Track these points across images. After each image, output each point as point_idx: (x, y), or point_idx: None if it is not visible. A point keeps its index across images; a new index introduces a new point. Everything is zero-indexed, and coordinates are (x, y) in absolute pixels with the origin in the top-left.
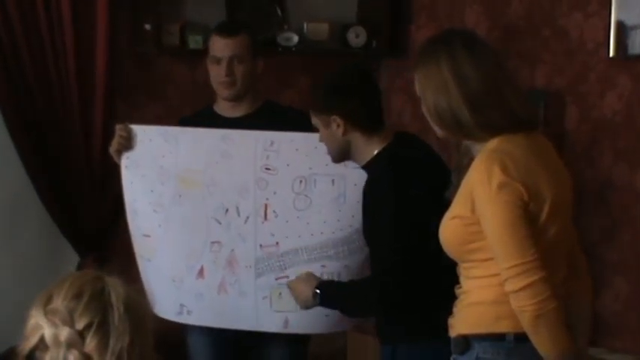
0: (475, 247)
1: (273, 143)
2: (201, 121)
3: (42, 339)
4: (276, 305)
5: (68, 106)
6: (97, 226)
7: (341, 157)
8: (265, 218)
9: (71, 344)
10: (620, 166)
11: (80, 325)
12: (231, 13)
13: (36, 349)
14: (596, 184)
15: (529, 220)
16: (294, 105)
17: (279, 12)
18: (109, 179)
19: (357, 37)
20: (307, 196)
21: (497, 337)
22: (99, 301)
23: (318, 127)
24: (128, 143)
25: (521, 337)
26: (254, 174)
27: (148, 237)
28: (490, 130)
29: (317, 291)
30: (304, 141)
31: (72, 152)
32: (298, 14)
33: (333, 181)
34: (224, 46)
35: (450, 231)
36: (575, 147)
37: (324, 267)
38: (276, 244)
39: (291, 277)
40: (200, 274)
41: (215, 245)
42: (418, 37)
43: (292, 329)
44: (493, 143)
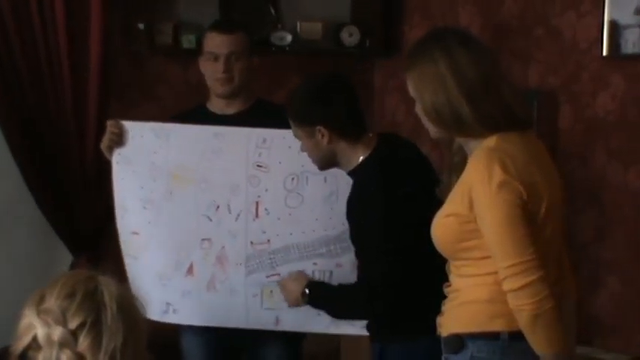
0: (470, 246)
1: (265, 140)
2: (193, 119)
3: (35, 338)
4: (267, 303)
5: (62, 105)
6: (90, 226)
7: (327, 166)
8: (257, 215)
9: (64, 344)
10: (614, 165)
11: (73, 324)
12: (224, 13)
13: (29, 348)
14: (590, 184)
15: (528, 219)
16: None
17: (273, 11)
18: (102, 179)
19: (350, 37)
20: (299, 193)
21: (492, 336)
22: (92, 301)
23: (299, 139)
24: (119, 139)
25: (516, 336)
26: (246, 171)
27: (137, 234)
28: (489, 125)
29: (306, 291)
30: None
31: (65, 152)
32: (292, 14)
33: (325, 178)
34: (222, 43)
35: (444, 229)
36: (569, 146)
37: (315, 265)
38: (268, 241)
39: (283, 274)
40: (189, 271)
41: (205, 242)
42: (412, 37)
43: (283, 327)
44: (491, 142)
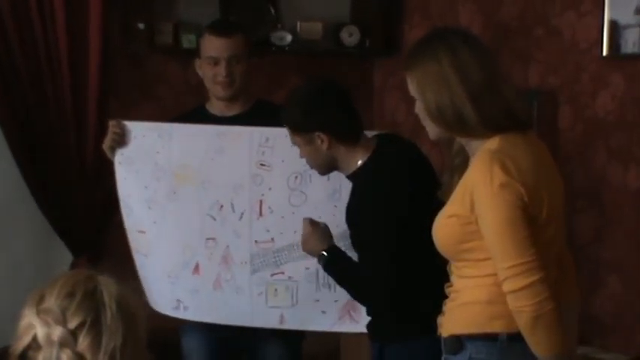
0: (471, 247)
1: (268, 139)
2: (194, 121)
3: (35, 338)
4: (271, 301)
5: (61, 105)
6: (90, 226)
7: (328, 170)
8: (260, 214)
9: (64, 343)
10: (613, 165)
11: (73, 324)
12: (224, 13)
13: (29, 348)
14: (590, 184)
15: (528, 220)
16: None
17: (273, 11)
18: (102, 178)
19: (350, 37)
20: (302, 192)
21: (491, 337)
22: (91, 300)
23: (298, 146)
24: (122, 139)
25: (515, 337)
26: (249, 170)
27: (143, 233)
28: (491, 126)
29: (324, 253)
30: None
31: (65, 151)
32: (291, 13)
33: (328, 176)
34: (222, 46)
35: (446, 230)
36: (569, 146)
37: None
38: (272, 240)
39: (287, 273)
40: (195, 270)
41: (210, 241)
42: (412, 37)
43: (287, 325)
44: (493, 143)
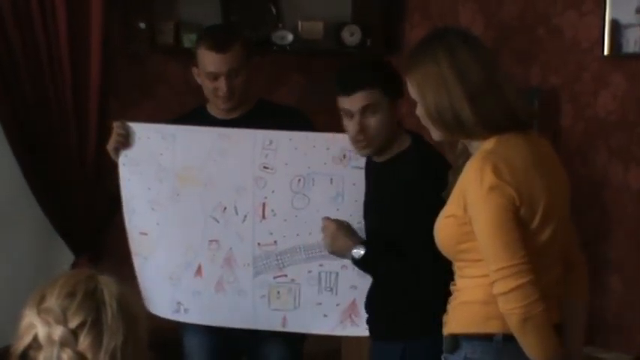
0: (467, 247)
1: (271, 142)
2: (195, 122)
3: (35, 338)
4: (274, 304)
5: (62, 105)
6: (91, 225)
7: (385, 146)
8: (263, 217)
9: (64, 343)
10: (615, 164)
11: (73, 323)
12: (225, 12)
13: (30, 348)
14: (591, 183)
15: (519, 223)
16: (289, 103)
17: (274, 10)
18: (103, 178)
19: (351, 36)
20: (305, 195)
21: (486, 337)
22: (92, 300)
23: (377, 111)
24: (126, 141)
25: (510, 338)
26: (252, 172)
27: (145, 235)
28: (490, 127)
29: (361, 252)
30: (303, 140)
31: (66, 151)
32: (293, 13)
33: (331, 180)
34: (220, 62)
35: (445, 230)
36: (570, 146)
37: (321, 266)
38: (274, 242)
39: (290, 276)
40: (198, 272)
41: (213, 244)
42: (412, 36)
43: (290, 328)
44: (490, 144)
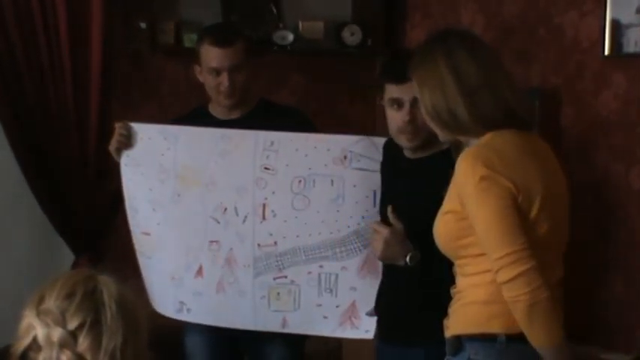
0: (467, 243)
1: (273, 143)
2: (197, 123)
3: (35, 339)
4: (274, 305)
5: (63, 105)
6: (92, 225)
7: (427, 141)
8: (263, 218)
9: (64, 344)
10: (616, 164)
11: (72, 325)
12: (226, 12)
13: (29, 349)
14: (591, 183)
15: (518, 212)
16: (290, 103)
17: (275, 10)
18: (103, 178)
19: (352, 36)
20: (306, 196)
21: (489, 338)
22: (91, 301)
23: (419, 99)
24: (128, 141)
25: (514, 338)
26: (253, 173)
27: (148, 235)
28: (485, 123)
29: (417, 256)
30: (304, 141)
31: (67, 151)
32: (293, 13)
33: (332, 181)
34: (223, 57)
35: (443, 226)
36: (571, 145)
37: (321, 267)
38: (274, 243)
39: (290, 277)
40: (199, 273)
41: (214, 244)
42: (413, 36)
43: (290, 329)
44: (484, 139)
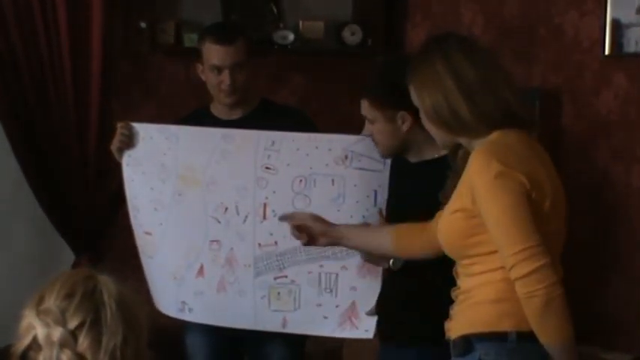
0: (477, 241)
1: (274, 143)
2: (199, 123)
3: (35, 339)
4: (274, 305)
5: (63, 105)
6: (92, 225)
7: (394, 153)
8: (264, 217)
9: (64, 344)
10: (616, 164)
11: (72, 324)
12: (226, 12)
13: (29, 349)
14: (592, 183)
15: (531, 206)
16: (290, 103)
17: (275, 10)
18: (104, 178)
19: (352, 36)
20: (307, 195)
21: (500, 337)
22: (91, 300)
23: (373, 121)
24: (130, 141)
25: (524, 337)
26: (254, 173)
27: (150, 235)
28: (488, 123)
29: (398, 262)
30: (305, 141)
31: (67, 151)
32: (294, 12)
33: (332, 181)
34: (224, 55)
35: (451, 225)
36: (571, 145)
37: (322, 267)
38: (275, 243)
39: (290, 277)
40: (200, 272)
41: (214, 244)
42: (413, 36)
43: (290, 329)
44: (492, 136)
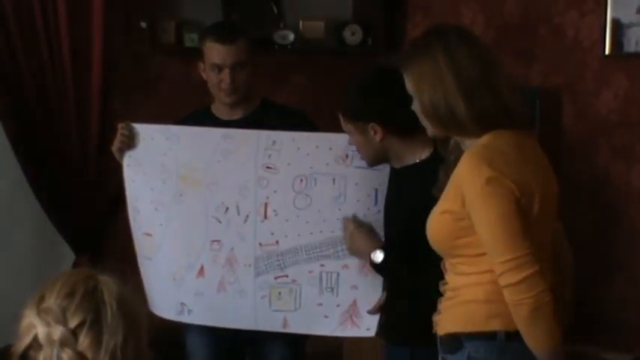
0: (465, 243)
1: (274, 142)
2: (200, 124)
3: (35, 338)
4: (275, 305)
5: (64, 105)
6: (93, 225)
7: (377, 162)
8: (265, 217)
9: (64, 343)
10: (616, 163)
11: (73, 323)
12: (227, 11)
13: (30, 348)
14: (592, 182)
15: (521, 214)
16: (291, 103)
17: (275, 10)
18: (104, 178)
19: (352, 35)
20: (307, 195)
21: (489, 336)
22: (91, 300)
23: (349, 133)
24: (130, 142)
25: (512, 336)
26: (255, 173)
27: (150, 235)
28: (483, 123)
29: (379, 256)
30: (306, 140)
31: (68, 151)
32: (294, 12)
33: (333, 180)
34: (225, 54)
35: (440, 225)
36: (571, 145)
37: (323, 266)
38: (276, 242)
39: (291, 276)
40: (200, 272)
41: (215, 244)
42: (414, 35)
43: (291, 329)
44: (484, 139)
